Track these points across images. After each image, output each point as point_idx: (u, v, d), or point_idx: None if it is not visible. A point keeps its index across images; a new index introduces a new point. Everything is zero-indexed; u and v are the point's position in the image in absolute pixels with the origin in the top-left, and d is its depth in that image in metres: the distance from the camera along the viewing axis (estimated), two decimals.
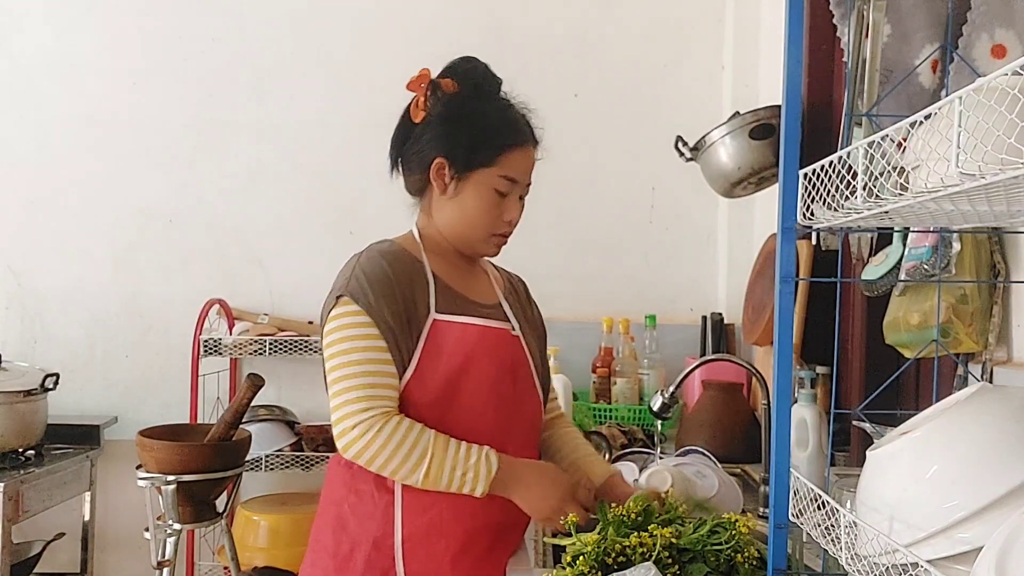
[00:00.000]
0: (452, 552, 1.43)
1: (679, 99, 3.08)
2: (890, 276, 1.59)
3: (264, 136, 3.11)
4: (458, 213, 1.51)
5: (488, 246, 1.54)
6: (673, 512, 1.33)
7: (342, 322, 1.41)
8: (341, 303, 1.43)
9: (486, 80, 1.53)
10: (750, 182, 2.30)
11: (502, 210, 1.50)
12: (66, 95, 3.09)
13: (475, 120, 1.48)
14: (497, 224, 1.51)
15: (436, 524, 1.43)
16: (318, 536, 1.52)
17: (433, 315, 1.46)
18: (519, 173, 1.50)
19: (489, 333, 1.49)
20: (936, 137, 0.77)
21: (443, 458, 1.37)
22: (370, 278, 1.43)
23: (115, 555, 3.07)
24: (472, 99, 1.50)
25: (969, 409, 0.92)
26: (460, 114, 1.48)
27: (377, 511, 1.44)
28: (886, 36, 1.39)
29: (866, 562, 0.90)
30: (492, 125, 1.49)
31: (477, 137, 1.47)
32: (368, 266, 1.45)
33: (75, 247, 3.09)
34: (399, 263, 1.47)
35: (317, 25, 3.11)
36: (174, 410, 2.95)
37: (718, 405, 2.29)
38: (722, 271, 3.10)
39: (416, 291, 1.46)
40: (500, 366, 1.50)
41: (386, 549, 1.43)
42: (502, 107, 1.53)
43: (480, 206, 1.49)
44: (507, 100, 1.55)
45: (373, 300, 1.41)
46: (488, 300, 1.57)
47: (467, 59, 1.53)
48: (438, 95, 1.49)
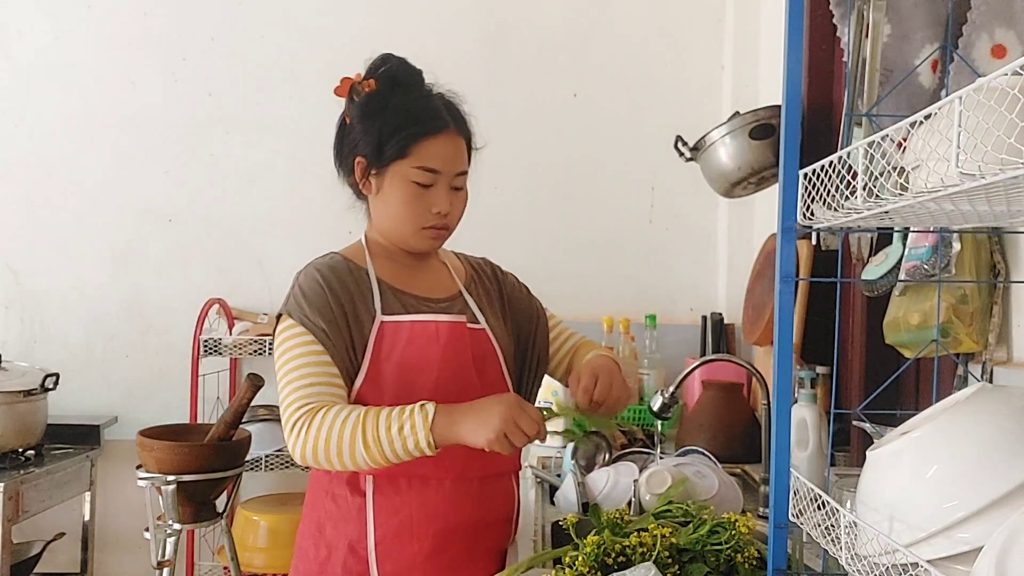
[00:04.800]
0: (425, 553, 1.43)
1: (679, 99, 3.08)
2: (890, 276, 1.58)
3: (264, 136, 3.11)
4: (383, 210, 1.49)
5: (420, 240, 1.49)
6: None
7: (282, 338, 1.43)
8: (281, 322, 1.44)
9: (402, 73, 1.49)
10: (750, 182, 2.30)
11: (427, 202, 1.45)
12: (66, 95, 3.09)
13: (389, 114, 1.45)
14: (424, 217, 1.46)
15: (407, 525, 1.43)
16: (300, 542, 1.53)
17: (379, 317, 1.45)
18: (440, 162, 1.45)
19: (442, 328, 1.47)
20: (936, 137, 0.77)
21: (375, 423, 1.31)
22: (306, 293, 1.43)
23: (115, 555, 3.07)
24: (388, 94, 1.46)
25: (969, 409, 0.92)
26: (376, 110, 1.46)
27: (351, 514, 1.44)
28: (886, 36, 1.39)
29: (866, 562, 0.90)
30: (405, 115, 1.45)
31: (390, 130, 1.44)
32: (304, 282, 1.45)
33: (75, 247, 3.09)
34: (335, 274, 1.46)
35: (317, 25, 3.11)
36: (174, 410, 2.95)
37: (718, 405, 2.29)
38: (722, 271, 3.10)
39: (357, 298, 1.45)
40: (458, 360, 1.47)
41: (360, 552, 1.43)
42: (420, 97, 1.48)
43: (401, 199, 1.45)
44: (429, 91, 1.50)
45: (308, 313, 1.41)
46: (444, 294, 1.55)
47: (384, 57, 1.50)
48: (354, 97, 1.48)
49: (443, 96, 1.52)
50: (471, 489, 1.47)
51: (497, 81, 3.01)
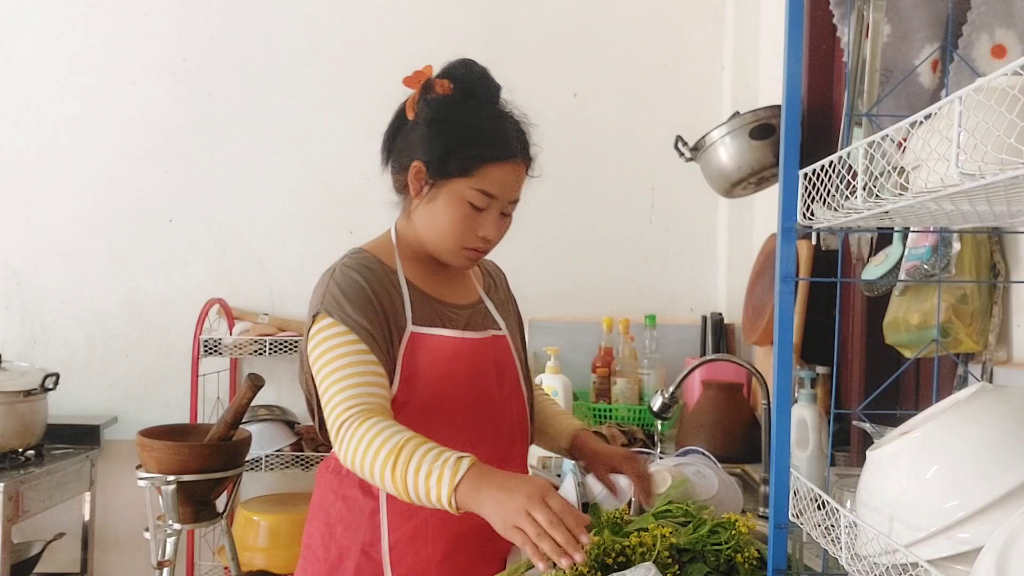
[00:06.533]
0: (440, 556, 1.42)
1: (679, 99, 3.08)
2: (890, 276, 1.58)
3: (264, 136, 3.11)
4: (429, 220, 1.43)
5: (458, 259, 1.46)
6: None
7: (322, 336, 1.35)
8: (318, 320, 1.37)
9: (481, 86, 1.45)
10: (750, 182, 2.30)
11: (476, 224, 1.41)
12: (66, 95, 3.09)
13: (459, 127, 1.40)
14: (468, 238, 1.42)
15: (422, 529, 1.41)
16: (308, 543, 1.51)
17: (410, 327, 1.42)
18: (499, 189, 1.40)
19: (467, 345, 1.45)
20: (936, 137, 0.77)
21: (409, 458, 1.20)
22: (345, 292, 1.38)
23: (115, 555, 3.07)
24: (462, 104, 1.42)
25: (969, 409, 0.92)
26: (446, 118, 1.41)
27: (363, 517, 1.43)
28: (886, 36, 1.39)
29: (866, 562, 0.90)
30: (476, 134, 1.40)
31: (457, 144, 1.39)
32: (342, 280, 1.39)
33: (75, 247, 3.09)
34: (373, 274, 1.41)
35: (317, 25, 3.11)
36: (174, 410, 2.95)
37: (718, 405, 2.29)
38: (722, 271, 3.10)
39: (392, 302, 1.41)
40: (482, 376, 1.46)
41: (374, 556, 1.42)
42: (493, 116, 1.44)
43: (452, 217, 1.40)
44: (502, 110, 1.46)
45: (351, 312, 1.36)
46: (468, 300, 1.53)
47: (466, 62, 1.46)
48: (429, 96, 1.42)
49: (516, 120, 1.46)
50: None
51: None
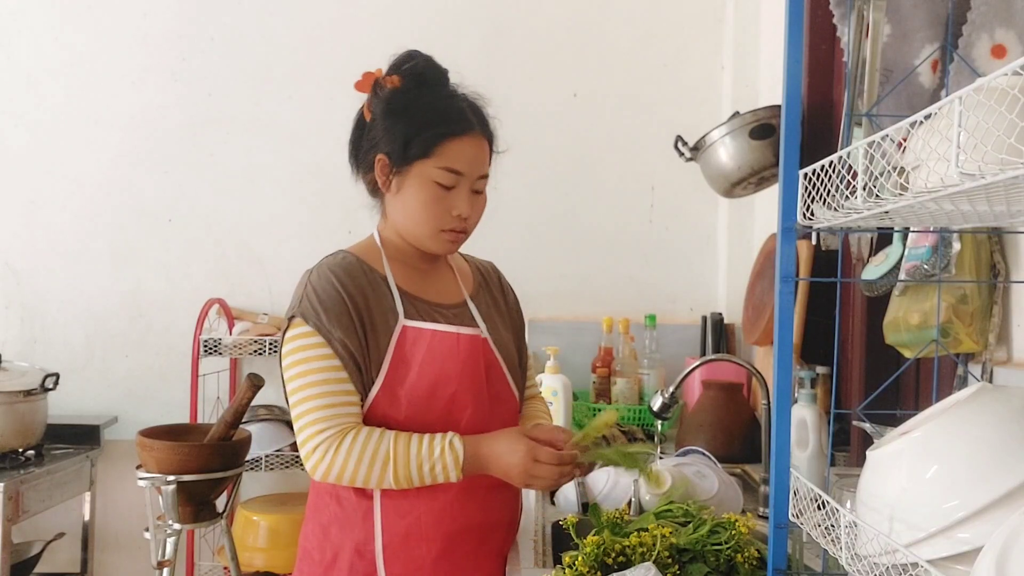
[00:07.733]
0: (433, 555, 1.43)
1: (679, 99, 3.08)
2: (890, 276, 1.58)
3: (263, 136, 3.11)
4: (402, 209, 1.46)
5: (438, 243, 1.47)
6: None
7: (295, 344, 1.40)
8: (294, 324, 1.41)
9: (428, 72, 1.47)
10: (750, 182, 2.30)
11: (449, 204, 1.44)
12: (66, 95, 3.09)
13: (413, 112, 1.43)
14: (444, 219, 1.44)
15: (416, 528, 1.42)
16: (304, 544, 1.52)
17: (402, 321, 1.43)
18: (463, 164, 1.43)
19: (462, 340, 1.46)
20: (936, 137, 0.77)
21: (407, 459, 1.36)
22: (321, 297, 1.40)
23: (115, 555, 3.07)
24: (414, 92, 1.45)
25: (969, 409, 0.92)
26: (400, 108, 1.44)
27: (357, 517, 1.44)
28: (886, 36, 1.39)
29: (866, 562, 0.90)
30: (430, 115, 1.43)
31: (414, 129, 1.42)
32: (319, 283, 1.41)
33: (75, 247, 3.09)
34: (351, 277, 1.43)
35: (316, 25, 3.11)
36: (174, 410, 2.95)
37: (718, 405, 2.29)
38: (722, 271, 3.10)
39: (373, 303, 1.42)
40: (475, 374, 1.46)
41: (368, 555, 1.43)
42: (445, 96, 1.47)
43: (423, 200, 1.43)
44: (453, 91, 1.49)
45: (325, 320, 1.38)
46: (452, 300, 1.53)
47: (410, 54, 1.48)
48: (379, 93, 1.46)
49: (468, 97, 1.50)
50: (478, 492, 1.46)
51: (497, 81, 2.99)
